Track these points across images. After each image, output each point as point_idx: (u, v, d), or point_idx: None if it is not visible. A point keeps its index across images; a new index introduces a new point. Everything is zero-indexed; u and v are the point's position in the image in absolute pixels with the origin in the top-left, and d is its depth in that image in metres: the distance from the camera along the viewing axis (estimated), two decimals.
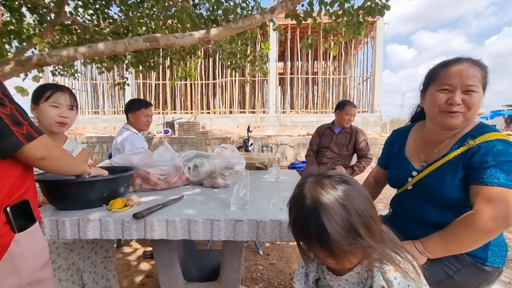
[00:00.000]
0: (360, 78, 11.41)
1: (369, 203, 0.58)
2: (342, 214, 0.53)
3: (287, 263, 2.04)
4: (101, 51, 2.23)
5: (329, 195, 0.55)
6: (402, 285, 0.55)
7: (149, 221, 0.81)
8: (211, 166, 1.22)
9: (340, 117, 2.55)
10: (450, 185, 0.82)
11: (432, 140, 0.94)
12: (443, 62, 0.87)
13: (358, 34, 3.37)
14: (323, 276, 0.70)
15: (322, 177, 0.60)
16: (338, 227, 0.52)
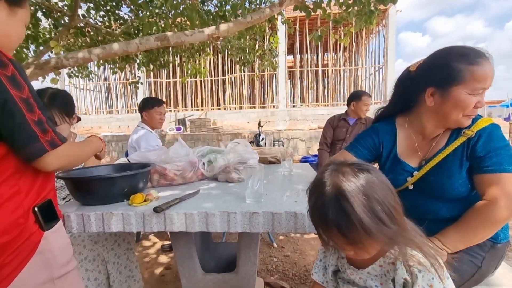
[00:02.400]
0: (372, 69, 11.15)
1: (390, 193, 0.57)
2: (363, 200, 0.53)
3: (302, 255, 2.06)
4: (115, 52, 2.29)
5: (350, 181, 0.55)
6: (426, 277, 0.55)
7: (168, 214, 0.85)
8: (225, 161, 1.25)
9: (357, 107, 2.48)
10: (458, 179, 0.80)
11: (428, 136, 0.90)
12: (468, 59, 0.76)
13: (369, 24, 3.29)
14: (343, 270, 0.70)
15: (344, 165, 0.59)
16: (358, 213, 0.52)
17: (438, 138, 0.87)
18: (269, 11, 2.47)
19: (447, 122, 0.84)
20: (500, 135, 0.79)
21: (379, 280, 0.63)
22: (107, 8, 4.41)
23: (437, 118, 0.85)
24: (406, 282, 0.57)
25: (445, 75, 0.79)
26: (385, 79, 10.09)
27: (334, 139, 2.61)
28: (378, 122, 1.03)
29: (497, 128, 0.81)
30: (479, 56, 0.76)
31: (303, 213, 0.81)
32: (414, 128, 0.92)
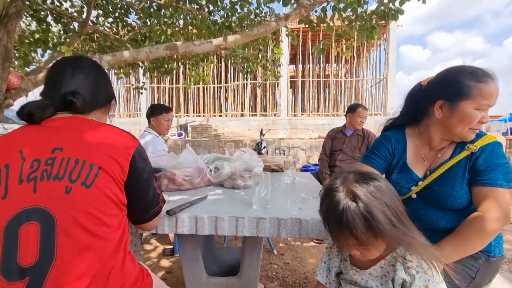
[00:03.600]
0: (372, 81, 11.31)
1: (397, 198, 0.64)
2: (376, 204, 0.59)
3: (301, 263, 2.09)
4: (125, 59, 2.36)
5: (361, 187, 0.61)
6: (423, 279, 0.60)
7: (180, 217, 0.90)
8: (231, 168, 1.30)
9: (352, 119, 2.62)
10: (460, 189, 0.85)
11: (434, 147, 0.94)
12: (476, 77, 0.82)
13: (371, 38, 3.40)
14: (346, 271, 0.75)
15: (355, 173, 0.66)
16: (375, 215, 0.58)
17: (444, 150, 0.92)
18: (274, 25, 2.56)
19: (452, 135, 0.88)
20: (501, 153, 0.85)
21: (380, 280, 0.68)
22: (116, 15, 4.53)
23: (444, 130, 0.90)
24: (405, 283, 0.62)
25: (455, 90, 0.85)
26: (385, 91, 10.22)
27: (332, 149, 2.73)
28: (388, 131, 1.08)
29: (499, 146, 0.87)
30: (486, 76, 0.82)
31: (307, 220, 0.86)
32: (422, 139, 0.97)
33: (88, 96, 0.72)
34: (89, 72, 0.75)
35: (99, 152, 0.61)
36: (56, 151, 0.59)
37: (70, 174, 0.57)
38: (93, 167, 0.59)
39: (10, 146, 0.62)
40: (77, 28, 4.21)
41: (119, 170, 0.63)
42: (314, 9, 2.77)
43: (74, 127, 0.65)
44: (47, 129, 0.64)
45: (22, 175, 0.56)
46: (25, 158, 0.58)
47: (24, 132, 0.65)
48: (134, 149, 0.67)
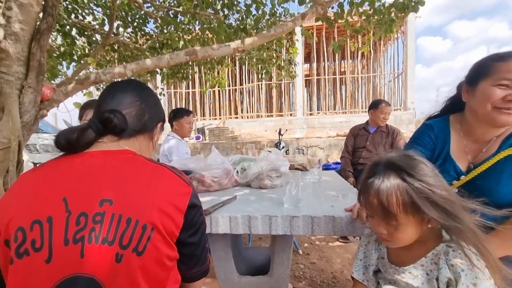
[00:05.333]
0: (391, 75, 10.98)
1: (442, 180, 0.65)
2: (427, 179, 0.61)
3: (328, 262, 2.07)
4: (147, 67, 2.44)
5: (404, 159, 0.65)
6: (470, 276, 0.58)
7: (214, 217, 0.92)
8: (258, 168, 1.32)
9: (374, 116, 2.56)
10: (506, 186, 0.81)
11: (478, 139, 0.89)
12: (496, 56, 0.81)
13: (389, 32, 3.31)
14: (384, 270, 0.74)
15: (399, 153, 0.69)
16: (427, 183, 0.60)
17: (490, 143, 0.87)
18: (291, 24, 2.55)
19: (479, 118, 0.85)
20: None
21: (421, 279, 0.65)
22: (135, 25, 4.70)
23: (472, 115, 0.87)
24: (450, 281, 0.60)
25: (475, 71, 0.85)
26: (405, 85, 9.89)
27: (355, 147, 2.69)
28: (431, 120, 1.02)
29: None
30: (507, 55, 0.79)
31: (341, 217, 0.86)
32: (464, 129, 0.93)
33: (131, 117, 0.65)
34: (133, 92, 0.68)
35: (152, 206, 0.53)
36: (104, 203, 0.51)
37: (121, 238, 0.50)
38: (146, 228, 0.51)
39: (51, 190, 0.53)
40: (99, 39, 4.41)
41: (173, 227, 0.55)
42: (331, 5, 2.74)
43: (122, 167, 0.57)
44: (91, 167, 0.56)
45: (68, 234, 0.48)
46: (70, 210, 0.50)
47: (64, 168, 0.56)
48: (189, 197, 0.58)
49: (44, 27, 2.37)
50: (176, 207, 0.56)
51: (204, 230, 0.65)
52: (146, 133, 0.69)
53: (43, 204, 0.51)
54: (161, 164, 0.62)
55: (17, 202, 0.52)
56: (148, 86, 0.74)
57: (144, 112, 0.68)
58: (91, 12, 4.57)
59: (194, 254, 0.62)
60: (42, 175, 0.56)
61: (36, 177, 0.56)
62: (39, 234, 0.48)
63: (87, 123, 0.61)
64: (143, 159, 0.61)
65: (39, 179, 0.55)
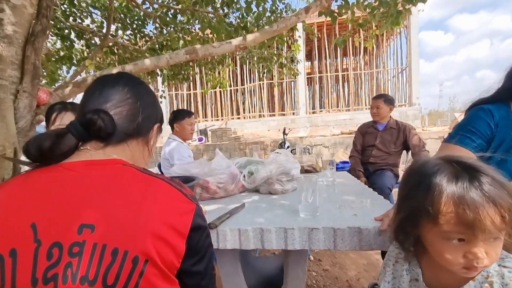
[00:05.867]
0: (394, 71, 10.81)
1: None
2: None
3: (342, 269, 1.95)
4: (146, 67, 2.35)
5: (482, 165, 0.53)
6: None
7: (221, 230, 0.81)
8: (267, 172, 1.21)
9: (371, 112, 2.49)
10: None
11: None
12: None
13: (396, 25, 3.19)
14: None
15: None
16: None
17: None
18: (295, 19, 2.45)
19: None
20: None
21: None
22: (134, 26, 4.63)
23: None
24: None
25: None
26: (409, 81, 9.72)
27: (364, 145, 2.58)
28: (488, 105, 0.88)
29: None
30: None
31: (368, 228, 0.74)
32: None
33: (121, 118, 0.53)
34: (124, 87, 0.55)
35: (145, 231, 0.41)
36: (84, 230, 0.40)
37: (105, 275, 0.39)
38: (138, 261, 0.40)
39: (16, 214, 0.42)
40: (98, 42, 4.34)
41: (172, 256, 0.43)
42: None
43: (108, 182, 0.46)
44: (68, 183, 0.45)
45: (37, 272, 0.38)
46: (40, 239, 0.39)
47: (34, 186, 0.45)
48: (192, 217, 0.47)
49: (38, 29, 2.27)
50: (175, 230, 0.44)
51: (211, 256, 0.53)
52: (140, 137, 0.58)
53: (5, 232, 0.40)
54: (156, 175, 0.50)
55: None
56: (142, 80, 0.62)
57: (138, 112, 0.56)
58: (89, 14, 4.50)
59: (199, 285, 0.50)
60: (7, 195, 0.45)
61: (3, 195, 0.45)
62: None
63: (66, 126, 0.50)
64: (134, 170, 0.50)
65: (2, 200, 0.44)
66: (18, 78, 2.02)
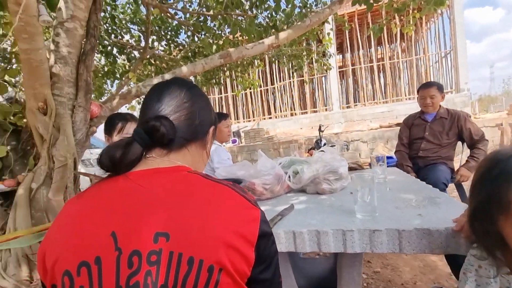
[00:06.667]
0: (437, 56, 9.95)
1: None
2: None
3: (395, 271, 1.83)
4: (184, 74, 2.45)
5: None
6: None
7: (275, 233, 0.80)
8: (313, 171, 1.17)
9: (419, 103, 2.29)
10: None
11: None
12: None
13: (440, 5, 2.93)
14: None
15: None
16: None
17: None
18: (328, 11, 2.37)
19: None
20: None
21: None
22: (168, 37, 4.87)
23: None
24: None
25: None
26: (455, 65, 8.87)
27: (411, 138, 2.38)
28: None
29: None
30: None
31: (439, 230, 0.67)
32: None
33: (180, 123, 0.54)
34: (180, 92, 0.56)
35: (217, 241, 0.42)
36: (160, 239, 0.41)
37: (183, 284, 0.39)
38: (213, 270, 0.40)
39: (97, 223, 0.44)
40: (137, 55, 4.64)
41: (243, 265, 0.43)
42: None
43: (177, 190, 0.47)
44: (140, 192, 0.46)
45: (120, 280, 0.39)
46: (121, 248, 0.41)
47: (109, 195, 0.47)
48: (258, 224, 0.46)
49: (88, 48, 2.47)
50: (245, 238, 0.43)
51: (277, 263, 0.51)
52: (197, 141, 0.58)
53: (89, 241, 0.42)
54: (221, 182, 0.50)
55: (61, 239, 0.44)
56: (195, 84, 0.62)
57: (194, 116, 0.56)
58: (128, 30, 4.83)
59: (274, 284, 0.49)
60: (85, 205, 0.47)
61: (79, 206, 0.47)
62: (87, 279, 0.40)
63: (132, 135, 0.51)
64: (200, 177, 0.50)
65: (82, 209, 0.47)
66: (73, 95, 2.23)
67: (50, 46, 2.13)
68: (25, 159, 2.26)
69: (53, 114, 2.00)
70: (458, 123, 2.17)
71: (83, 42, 2.27)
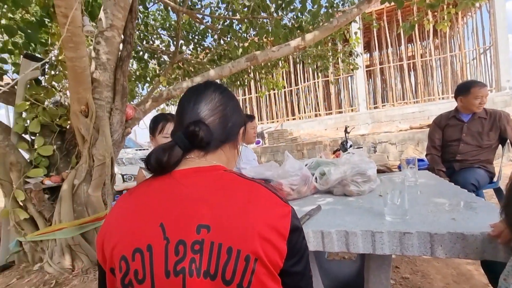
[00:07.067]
0: (474, 52, 9.30)
1: None
2: None
3: (425, 278, 1.76)
4: (211, 77, 2.54)
5: None
6: None
7: (304, 232, 0.82)
8: (340, 173, 1.17)
9: (467, 103, 2.07)
10: None
11: None
12: None
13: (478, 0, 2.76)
14: None
15: None
16: None
17: None
18: (356, 11, 2.33)
19: None
20: None
21: None
22: (195, 41, 5.04)
23: None
24: None
25: None
26: (495, 62, 8.23)
27: (445, 140, 2.22)
28: None
29: None
30: None
31: (474, 234, 0.66)
32: None
33: (215, 126, 0.58)
34: (214, 96, 0.60)
35: (253, 233, 0.45)
36: (202, 230, 0.46)
37: (223, 271, 0.44)
38: (249, 260, 0.44)
39: (148, 215, 0.49)
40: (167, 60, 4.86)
41: (277, 256, 0.47)
42: None
43: (215, 186, 0.51)
44: (183, 188, 0.51)
45: (168, 265, 0.44)
46: (168, 237, 0.46)
47: (156, 191, 0.52)
48: (290, 219, 0.49)
49: (124, 54, 2.65)
50: (278, 232, 0.47)
51: (308, 257, 0.54)
52: (230, 142, 0.62)
53: (141, 230, 0.47)
54: (254, 180, 0.54)
55: (118, 228, 0.50)
56: (226, 87, 0.66)
57: (227, 119, 0.60)
58: (158, 36, 5.07)
59: (298, 286, 0.52)
60: (137, 199, 0.53)
61: (132, 201, 0.54)
62: (140, 264, 0.45)
63: (173, 139, 0.57)
64: (235, 175, 0.54)
65: (135, 204, 0.52)
66: (111, 98, 2.40)
67: (91, 54, 2.32)
68: (68, 158, 2.47)
69: (93, 117, 2.17)
70: (500, 123, 2.03)
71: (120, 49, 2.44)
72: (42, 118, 2.32)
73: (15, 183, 2.23)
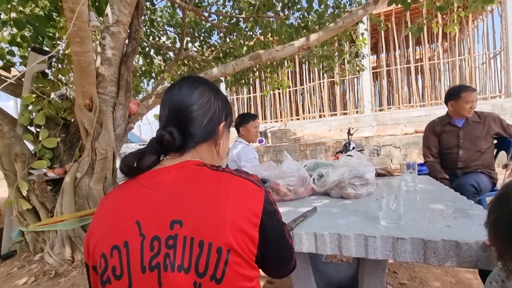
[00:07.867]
0: (484, 57, 9.14)
1: None
2: None
3: (423, 285, 1.74)
4: (215, 75, 2.54)
5: None
6: None
7: (297, 233, 0.82)
8: (338, 175, 1.17)
9: (457, 107, 2.04)
10: None
11: None
12: None
13: (489, 2, 2.72)
14: None
15: None
16: None
17: None
18: (362, 12, 2.31)
19: None
20: None
21: None
22: (201, 38, 5.05)
23: None
24: None
25: None
26: (505, 67, 8.09)
27: (443, 148, 2.16)
28: None
29: None
30: None
31: (469, 243, 0.65)
32: None
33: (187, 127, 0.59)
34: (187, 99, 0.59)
35: (224, 224, 0.47)
36: (175, 225, 0.47)
37: (196, 264, 0.45)
38: (221, 251, 0.45)
39: (125, 213, 0.50)
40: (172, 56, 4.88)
41: (249, 244, 0.48)
42: None
43: (186, 182, 0.52)
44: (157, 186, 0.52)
45: (144, 261, 0.45)
46: (144, 234, 0.47)
47: (134, 189, 0.54)
48: (262, 204, 0.51)
49: (129, 50, 2.66)
50: (249, 220, 0.49)
51: (284, 233, 0.57)
52: (208, 140, 0.61)
53: (119, 228, 0.49)
54: (223, 169, 0.54)
55: (99, 227, 0.52)
56: (203, 80, 0.63)
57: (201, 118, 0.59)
58: (164, 33, 5.09)
59: (278, 260, 0.56)
60: (116, 200, 0.55)
61: (114, 199, 0.55)
62: (118, 260, 0.46)
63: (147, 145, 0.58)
64: (207, 169, 0.55)
65: (115, 202, 0.54)
66: (115, 93, 2.42)
67: (97, 49, 2.34)
68: (72, 151, 2.50)
69: (97, 111, 2.19)
70: (489, 125, 2.01)
71: (126, 44, 2.46)
72: (47, 111, 2.35)
73: (19, 174, 2.26)
